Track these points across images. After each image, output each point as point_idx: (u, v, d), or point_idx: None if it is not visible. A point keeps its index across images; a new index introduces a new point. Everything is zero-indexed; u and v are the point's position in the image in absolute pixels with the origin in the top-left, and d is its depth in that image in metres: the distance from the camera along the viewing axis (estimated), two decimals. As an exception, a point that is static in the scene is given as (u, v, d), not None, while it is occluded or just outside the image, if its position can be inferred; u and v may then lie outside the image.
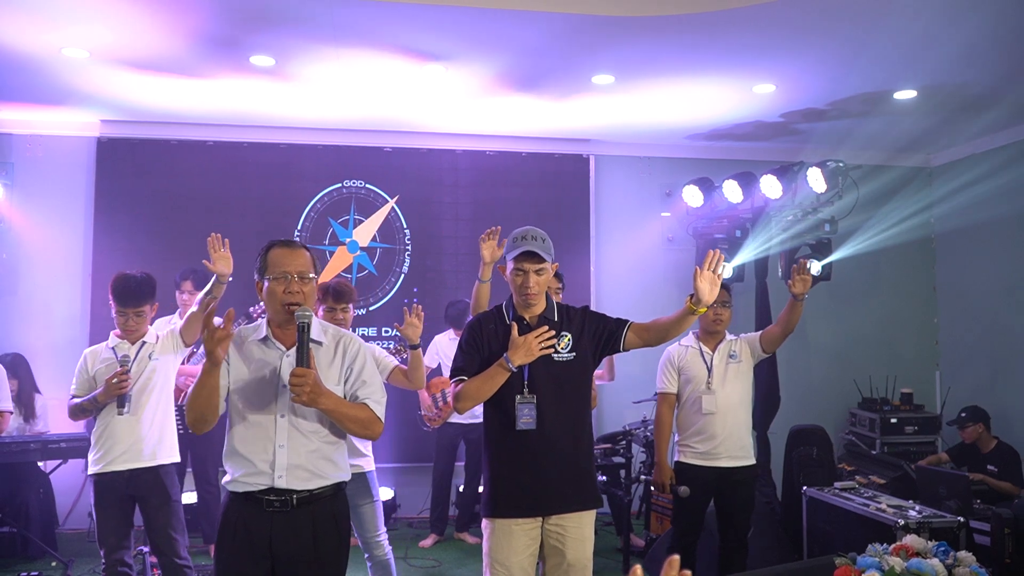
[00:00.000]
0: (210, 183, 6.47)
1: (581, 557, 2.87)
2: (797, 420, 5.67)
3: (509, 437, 2.88)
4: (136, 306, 3.68)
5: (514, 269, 2.92)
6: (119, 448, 3.63)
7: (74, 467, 5.86)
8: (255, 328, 2.67)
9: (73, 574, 5.16)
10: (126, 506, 3.69)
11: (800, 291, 3.91)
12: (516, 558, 2.83)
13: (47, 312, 6.27)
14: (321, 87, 5.57)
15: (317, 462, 2.56)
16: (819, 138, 6.69)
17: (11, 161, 6.26)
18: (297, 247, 2.64)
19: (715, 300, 4.03)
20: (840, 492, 4.43)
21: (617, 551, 5.61)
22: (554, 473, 2.86)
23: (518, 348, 2.82)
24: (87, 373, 3.75)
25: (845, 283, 6.85)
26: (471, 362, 2.92)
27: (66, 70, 5.20)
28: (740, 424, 4.11)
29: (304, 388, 2.38)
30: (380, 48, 4.85)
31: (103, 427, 3.67)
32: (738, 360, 4.15)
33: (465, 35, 4.65)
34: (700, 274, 2.84)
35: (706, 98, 5.79)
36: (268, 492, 2.51)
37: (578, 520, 2.89)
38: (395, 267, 6.71)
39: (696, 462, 4.08)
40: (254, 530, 2.51)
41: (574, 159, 6.98)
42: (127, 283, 3.69)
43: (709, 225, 6.33)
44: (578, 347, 2.95)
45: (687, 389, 4.17)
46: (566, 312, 3.01)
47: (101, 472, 3.64)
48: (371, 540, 3.80)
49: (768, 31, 4.57)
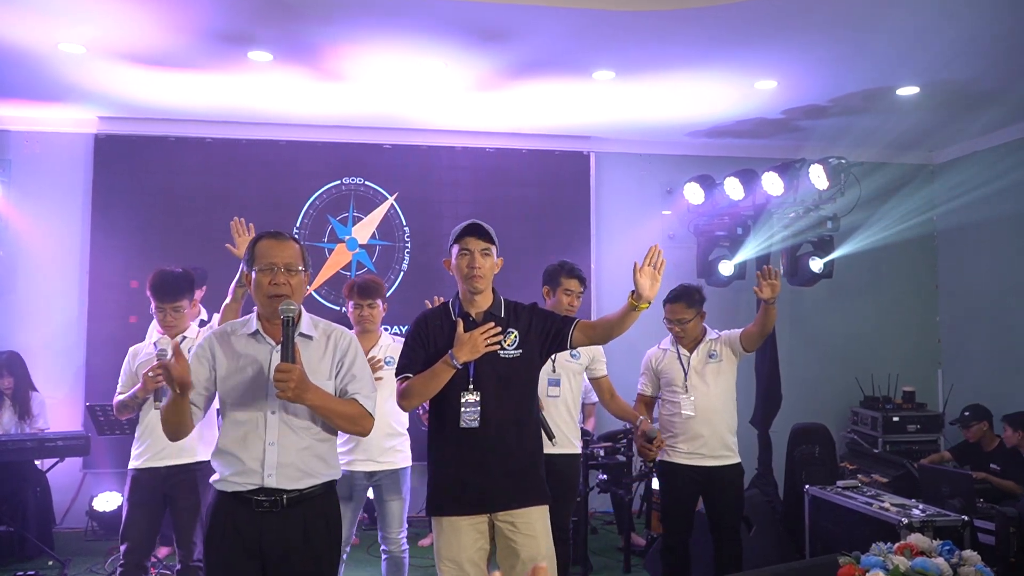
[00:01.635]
0: (208, 180, 6.43)
1: (535, 554, 2.82)
2: (798, 418, 5.63)
3: (453, 434, 2.82)
4: (173, 301, 3.65)
5: (459, 251, 2.87)
6: (159, 444, 3.60)
7: (71, 466, 5.84)
8: (244, 322, 2.62)
9: (70, 573, 5.13)
10: (158, 505, 3.66)
11: (768, 296, 3.87)
12: (465, 553, 2.80)
13: (45, 310, 6.23)
14: (321, 84, 5.53)
15: (308, 460, 2.52)
16: (821, 135, 6.65)
17: (8, 158, 6.24)
18: (285, 239, 2.60)
19: (674, 318, 4.05)
20: (843, 491, 4.39)
21: (618, 550, 5.59)
22: (498, 470, 2.81)
23: (463, 344, 2.77)
24: (131, 370, 3.75)
25: (847, 281, 6.81)
26: (416, 359, 2.87)
27: (63, 65, 5.16)
28: (723, 424, 4.07)
29: (289, 384, 2.33)
30: (379, 43, 4.81)
31: (145, 423, 3.68)
32: (718, 359, 4.11)
33: (465, 30, 4.61)
34: (640, 269, 2.80)
35: (707, 95, 5.76)
36: (258, 492, 2.46)
37: (527, 516, 2.84)
38: (394, 264, 6.67)
39: (680, 461, 4.06)
40: (244, 530, 2.46)
41: (574, 156, 6.94)
42: (164, 278, 3.67)
43: (710, 222, 6.30)
44: (525, 344, 2.90)
45: (666, 392, 4.16)
46: (513, 309, 2.97)
47: (140, 468, 3.64)
48: (392, 536, 3.80)
49: (770, 27, 4.54)
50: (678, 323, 4.09)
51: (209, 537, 2.52)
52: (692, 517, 4.11)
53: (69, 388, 6.11)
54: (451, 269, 2.93)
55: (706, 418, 4.03)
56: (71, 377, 6.14)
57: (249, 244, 2.62)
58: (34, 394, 5.65)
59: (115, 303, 6.14)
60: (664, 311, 4.15)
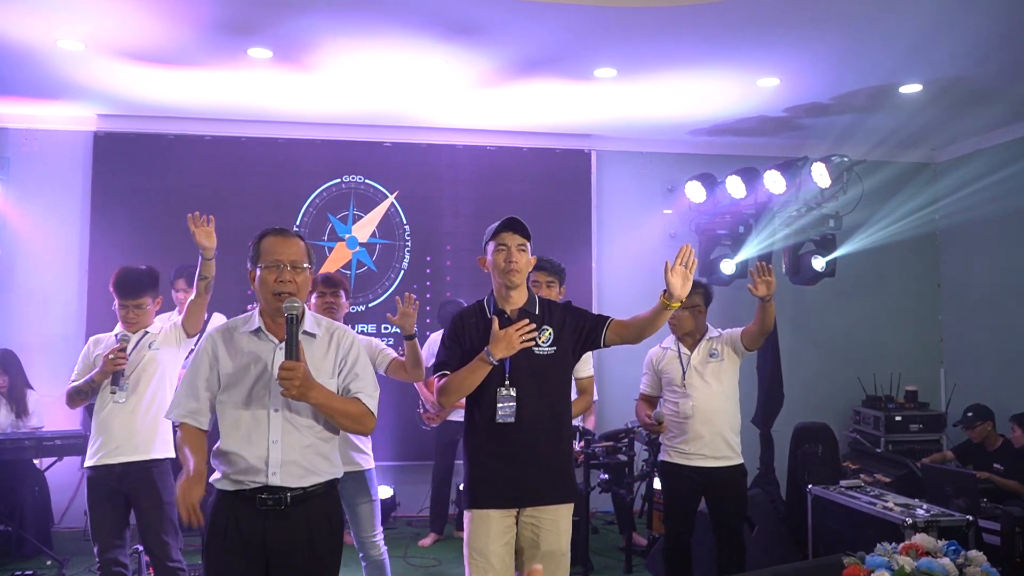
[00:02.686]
0: (208, 178, 6.41)
1: (555, 549, 2.88)
2: (800, 418, 5.60)
3: (489, 430, 2.88)
4: (135, 298, 3.66)
5: (496, 247, 2.92)
6: (113, 441, 3.59)
7: (70, 465, 5.80)
8: (246, 319, 2.60)
9: (68, 573, 5.11)
10: (119, 503, 3.63)
11: (764, 294, 3.83)
12: (494, 546, 2.85)
13: (43, 308, 6.21)
14: (320, 81, 5.51)
15: (311, 458, 2.50)
16: (823, 133, 6.63)
17: (7, 156, 6.21)
18: (291, 235, 2.59)
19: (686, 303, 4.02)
20: (846, 491, 4.37)
21: (619, 550, 5.56)
22: (533, 466, 2.87)
23: (499, 341, 2.82)
24: (88, 358, 3.75)
25: (849, 279, 6.78)
26: (453, 356, 2.93)
27: (62, 62, 5.13)
28: (724, 423, 4.04)
29: (293, 382, 2.32)
30: (380, 37, 4.78)
31: (99, 418, 3.64)
32: (719, 359, 4.08)
33: (465, 26, 4.59)
34: (671, 269, 2.84)
35: (709, 92, 5.73)
36: (262, 490, 2.43)
37: (554, 513, 2.90)
38: (395, 263, 6.65)
39: (680, 461, 4.03)
40: (246, 530, 2.44)
41: (575, 154, 6.92)
42: (127, 275, 3.69)
43: (712, 221, 6.27)
44: (559, 341, 2.95)
45: (667, 391, 4.14)
46: (547, 306, 3.01)
47: (95, 465, 3.60)
48: (367, 540, 3.74)
49: (772, 23, 4.52)
50: (682, 307, 4.01)
51: (210, 537, 2.49)
52: (694, 517, 4.09)
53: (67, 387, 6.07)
54: (486, 266, 2.99)
55: (706, 418, 3.99)
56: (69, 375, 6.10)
57: (254, 240, 2.59)
58: (30, 392, 5.62)
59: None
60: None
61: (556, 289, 4.06)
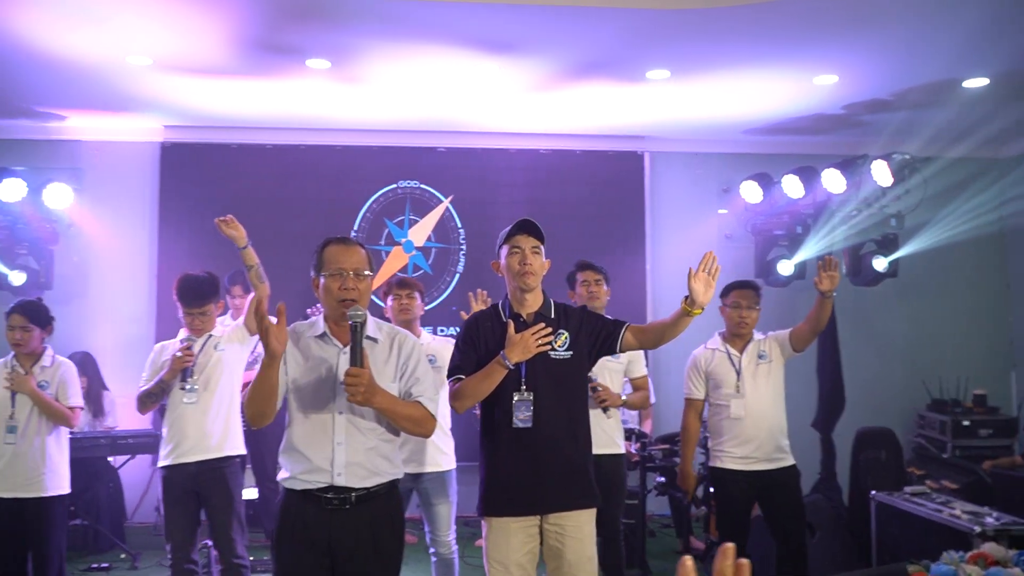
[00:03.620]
0: (269, 186, 6.57)
1: (581, 557, 2.82)
2: (862, 422, 5.50)
3: (505, 435, 2.83)
4: (200, 306, 3.79)
5: (510, 250, 2.88)
6: (187, 441, 3.73)
7: (142, 462, 6.04)
8: (312, 324, 2.69)
9: (140, 567, 5.30)
10: (192, 502, 3.77)
11: (827, 288, 3.78)
12: (514, 556, 2.80)
13: (115, 312, 6.44)
14: (376, 89, 5.61)
15: (374, 460, 2.57)
16: (883, 130, 6.48)
17: (80, 167, 6.44)
18: (352, 244, 2.66)
19: (743, 301, 3.99)
20: (911, 497, 4.27)
21: (676, 553, 5.53)
22: (551, 471, 2.82)
23: (515, 345, 2.78)
24: (155, 364, 3.89)
25: (913, 280, 6.62)
26: (468, 361, 2.88)
27: (131, 77, 5.33)
28: (774, 426, 3.98)
29: (359, 388, 2.38)
30: (435, 47, 4.86)
31: (172, 419, 3.78)
32: (768, 360, 4.02)
33: (520, 32, 4.63)
34: (694, 275, 2.78)
35: (764, 91, 5.67)
36: (327, 490, 2.52)
37: (576, 519, 2.84)
38: (450, 266, 6.73)
39: (732, 467, 3.97)
40: (313, 527, 2.52)
41: (628, 156, 6.90)
42: (190, 284, 3.81)
43: (768, 221, 6.20)
44: (575, 345, 2.91)
45: (716, 394, 4.06)
46: (563, 310, 2.97)
47: (170, 465, 3.75)
48: (441, 539, 3.84)
49: (830, 20, 4.45)
50: (748, 308, 3.98)
51: (279, 534, 2.58)
52: (747, 523, 4.03)
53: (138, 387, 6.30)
54: (500, 270, 2.95)
55: (758, 420, 3.94)
56: (140, 377, 6.32)
57: (317, 249, 2.67)
58: (105, 393, 5.85)
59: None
60: (728, 298, 4.05)
61: (604, 287, 4.08)
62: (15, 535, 3.79)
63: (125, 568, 5.30)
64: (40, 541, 3.81)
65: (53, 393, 3.88)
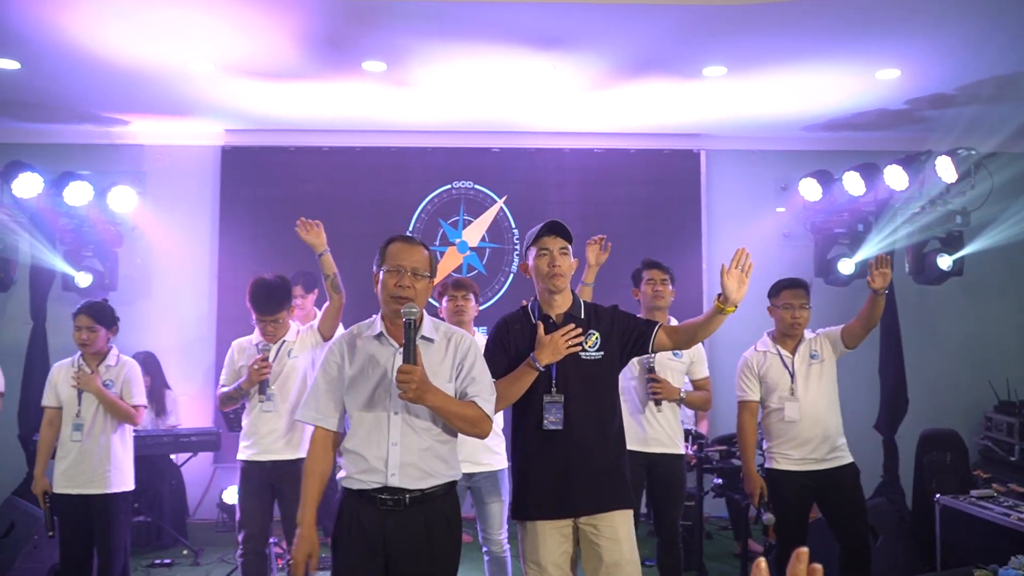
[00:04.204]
0: (326, 187, 6.67)
1: (618, 559, 2.77)
2: (925, 424, 5.36)
3: (536, 437, 2.81)
4: (274, 313, 3.88)
5: (538, 252, 2.86)
6: (263, 441, 3.84)
7: (203, 460, 6.18)
8: (369, 324, 2.71)
9: (202, 563, 5.42)
10: (267, 496, 3.87)
11: (880, 286, 3.68)
12: (549, 557, 2.78)
13: (177, 313, 6.60)
14: (430, 90, 5.66)
15: (430, 461, 2.57)
16: (948, 125, 6.30)
17: (143, 171, 6.63)
18: (415, 243, 2.67)
19: (795, 301, 3.92)
20: (977, 501, 4.17)
21: (734, 556, 5.47)
22: (581, 473, 2.79)
23: (545, 347, 2.75)
24: (234, 366, 3.99)
25: (979, 278, 6.42)
26: (498, 363, 2.85)
27: (192, 82, 5.46)
28: (830, 426, 3.90)
29: (410, 385, 2.38)
30: (488, 48, 4.88)
31: (250, 420, 3.90)
32: (820, 359, 3.94)
33: (574, 30, 4.62)
34: (727, 272, 2.74)
35: (824, 87, 5.56)
36: (382, 491, 2.53)
37: (609, 520, 2.80)
38: (504, 267, 6.74)
39: (790, 468, 3.90)
40: (368, 527, 2.54)
41: (684, 154, 6.84)
42: (263, 289, 3.87)
43: (828, 219, 6.08)
44: (606, 346, 2.87)
45: (770, 397, 3.99)
46: (594, 310, 2.93)
47: (248, 460, 3.86)
48: (493, 537, 3.86)
49: (892, 12, 4.35)
50: (801, 308, 3.92)
51: (336, 533, 2.61)
52: (806, 525, 3.96)
53: (200, 386, 6.46)
54: (528, 272, 2.94)
55: (813, 422, 3.87)
56: (201, 376, 6.49)
57: (382, 245, 2.69)
58: (168, 392, 6.00)
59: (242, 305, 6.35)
60: (779, 299, 3.99)
61: (669, 287, 4.04)
62: (81, 531, 3.90)
63: (187, 564, 5.42)
64: (105, 537, 3.90)
65: (118, 392, 3.98)
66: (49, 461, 3.99)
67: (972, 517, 4.10)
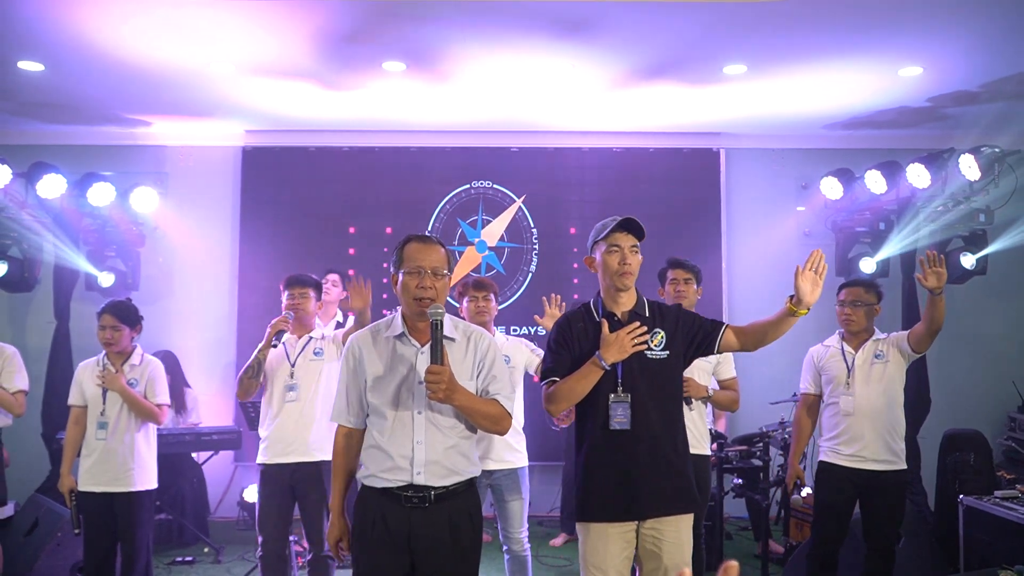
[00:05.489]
0: (346, 187, 6.70)
1: (679, 562, 2.73)
2: (949, 424, 5.32)
3: (602, 438, 2.75)
4: (301, 287, 3.96)
5: (608, 247, 2.81)
6: (284, 443, 3.84)
7: (224, 458, 6.22)
8: (389, 323, 2.70)
9: (224, 560, 5.46)
10: (287, 498, 3.87)
11: (934, 285, 3.64)
12: (612, 562, 2.72)
13: (198, 312, 6.65)
14: (450, 90, 5.67)
15: (454, 458, 2.59)
16: (971, 123, 6.25)
17: (165, 171, 6.69)
18: (432, 243, 2.67)
19: (847, 299, 3.89)
20: (1002, 501, 4.13)
21: (755, 557, 5.44)
22: (649, 475, 2.72)
23: (610, 345, 2.69)
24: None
25: (1002, 277, 6.36)
26: (561, 362, 2.80)
27: (214, 83, 5.51)
28: (887, 426, 3.87)
29: (440, 385, 2.41)
30: (507, 46, 4.88)
31: (271, 422, 3.89)
32: (884, 360, 3.91)
33: (594, 28, 4.61)
34: (801, 273, 2.66)
35: (845, 84, 5.52)
36: (407, 488, 2.54)
37: (675, 524, 2.75)
38: (523, 266, 6.74)
39: (838, 462, 3.90)
40: (393, 525, 2.55)
41: (704, 153, 6.81)
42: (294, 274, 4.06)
43: (850, 218, 6.04)
44: (672, 345, 2.81)
45: (828, 390, 4.01)
46: (658, 309, 2.88)
47: (268, 463, 3.86)
48: (513, 536, 3.85)
49: (915, 10, 4.32)
50: (852, 305, 3.90)
51: (358, 531, 2.62)
52: (847, 524, 3.93)
53: (220, 385, 6.51)
54: (593, 267, 2.88)
55: (868, 418, 3.85)
56: (222, 374, 6.54)
57: (397, 246, 2.69)
58: (188, 390, 6.03)
59: (262, 305, 6.47)
60: (839, 296, 4.00)
61: (694, 287, 4.02)
62: (105, 529, 3.92)
63: (209, 562, 5.46)
64: (128, 535, 3.93)
65: (142, 390, 4.01)
66: (75, 459, 4.03)
67: (996, 518, 4.06)
